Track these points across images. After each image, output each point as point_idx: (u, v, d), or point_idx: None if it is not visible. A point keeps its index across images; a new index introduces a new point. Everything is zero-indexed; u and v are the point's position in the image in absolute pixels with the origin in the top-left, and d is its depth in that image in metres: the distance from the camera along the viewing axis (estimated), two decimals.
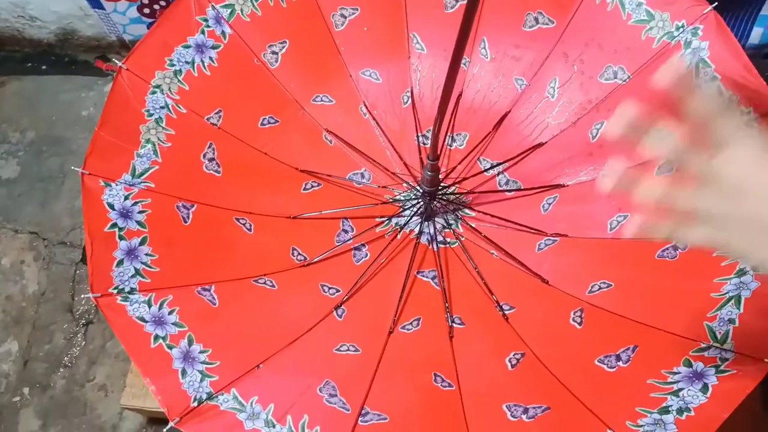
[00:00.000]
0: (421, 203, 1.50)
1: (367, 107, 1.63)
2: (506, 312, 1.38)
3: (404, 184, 1.57)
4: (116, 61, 1.34)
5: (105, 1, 2.16)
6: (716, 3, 1.34)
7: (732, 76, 1.31)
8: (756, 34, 1.83)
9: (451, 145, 1.63)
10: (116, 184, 1.27)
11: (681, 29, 1.37)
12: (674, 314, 1.21)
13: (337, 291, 1.42)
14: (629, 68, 1.45)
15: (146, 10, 2.17)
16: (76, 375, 1.99)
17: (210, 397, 1.12)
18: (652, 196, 0.65)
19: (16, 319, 2.08)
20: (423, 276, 1.47)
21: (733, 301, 1.16)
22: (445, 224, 1.53)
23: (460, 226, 1.53)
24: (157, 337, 1.15)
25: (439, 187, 1.49)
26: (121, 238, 1.23)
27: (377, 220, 1.54)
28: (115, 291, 1.18)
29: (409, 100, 1.64)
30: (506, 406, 1.21)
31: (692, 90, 0.62)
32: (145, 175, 1.33)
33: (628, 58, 1.46)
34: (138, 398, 1.65)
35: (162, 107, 1.39)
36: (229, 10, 1.49)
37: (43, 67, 2.53)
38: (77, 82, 2.47)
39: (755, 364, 1.07)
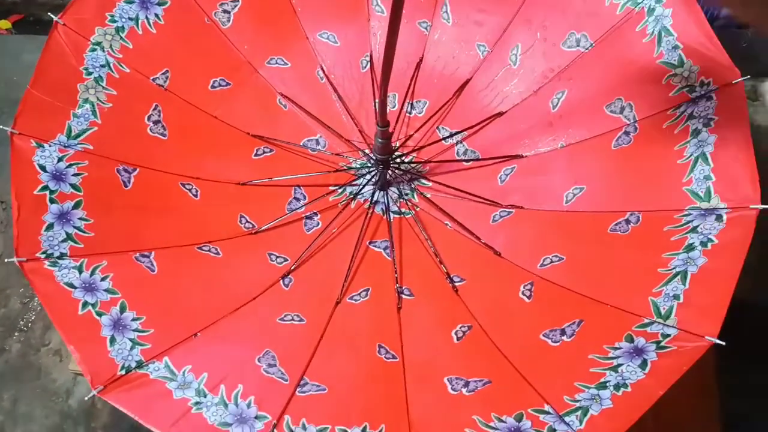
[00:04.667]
0: (376, 172, 1.46)
1: (324, 71, 1.58)
2: (456, 284, 1.35)
3: (360, 152, 1.53)
4: (51, 15, 1.27)
5: None
6: None
7: (694, 46, 1.26)
8: None
9: (410, 113, 1.58)
10: (49, 145, 1.22)
11: None
12: (621, 289, 1.19)
13: (285, 260, 1.38)
14: (592, 35, 1.40)
15: None
16: (32, 339, 1.96)
17: (140, 365, 1.09)
18: None
19: None
20: (375, 246, 1.44)
21: (679, 276, 1.13)
22: (399, 194, 1.49)
23: (415, 196, 1.49)
24: (86, 304, 1.12)
25: (396, 156, 1.44)
26: (52, 201, 1.18)
27: (331, 188, 1.49)
28: (43, 255, 1.14)
29: (368, 65, 1.58)
30: (447, 379, 1.19)
31: None
32: (82, 137, 1.28)
33: (591, 24, 1.41)
34: None
35: (102, 66, 1.33)
36: None
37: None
38: (40, 42, 2.37)
39: (696, 341, 1.05)
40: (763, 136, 1.20)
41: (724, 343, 1.02)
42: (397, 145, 1.51)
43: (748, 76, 1.23)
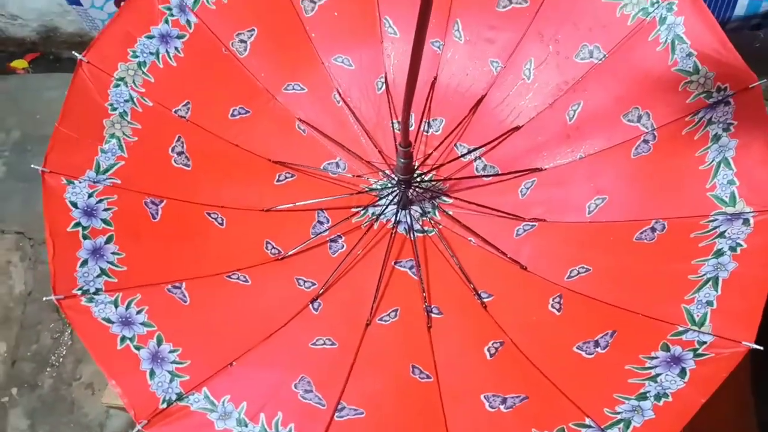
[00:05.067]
0: (398, 192, 1.47)
1: (340, 94, 1.60)
2: (485, 300, 1.35)
3: (380, 173, 1.54)
4: (75, 54, 1.30)
5: None
6: None
7: (708, 52, 1.27)
8: (741, 5, 1.79)
9: (427, 131, 1.60)
10: (79, 182, 1.24)
11: (656, 5, 1.33)
12: (652, 298, 1.19)
13: (313, 284, 1.39)
14: (605, 47, 1.42)
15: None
16: (63, 374, 1.98)
17: (180, 397, 1.10)
18: None
19: (3, 319, 2.06)
20: (400, 266, 1.45)
21: (710, 282, 1.13)
22: (422, 212, 1.50)
23: (437, 214, 1.50)
24: (124, 338, 1.13)
25: (415, 175, 1.46)
26: (85, 237, 1.20)
27: (353, 210, 1.51)
28: (80, 292, 1.15)
29: (384, 86, 1.60)
30: (484, 396, 1.19)
31: None
32: (110, 171, 1.30)
33: (603, 36, 1.42)
34: None
35: (126, 100, 1.35)
36: None
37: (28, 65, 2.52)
38: (61, 79, 2.43)
39: (733, 347, 1.05)
40: None
41: (762, 348, 1.02)
42: (417, 164, 1.52)
43: (765, 80, 1.24)
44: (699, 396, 1.03)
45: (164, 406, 1.08)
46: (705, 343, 1.08)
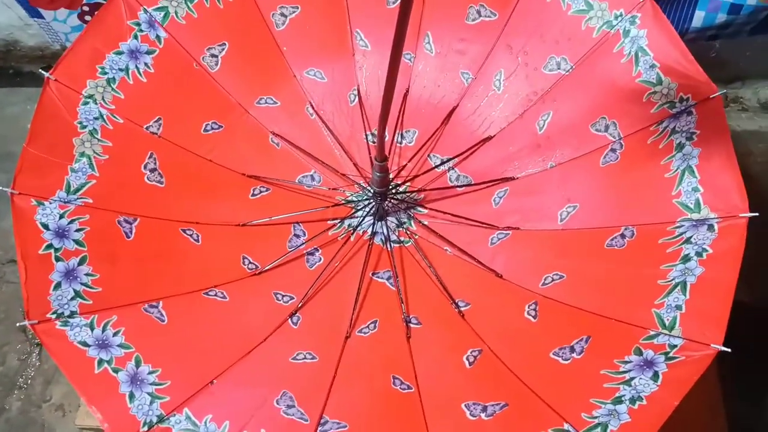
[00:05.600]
0: (374, 203, 1.48)
1: (313, 107, 1.60)
2: (462, 309, 1.37)
3: (356, 185, 1.55)
4: (42, 72, 1.27)
5: (44, 10, 2.06)
6: None
7: (670, 64, 1.32)
8: (698, 17, 1.86)
9: (400, 143, 1.61)
10: (50, 203, 1.22)
11: (620, 18, 1.38)
12: (624, 303, 1.23)
13: (292, 298, 1.39)
14: (571, 58, 1.46)
15: (87, 18, 2.07)
16: (32, 396, 1.92)
17: (161, 419, 1.09)
18: None
19: None
20: (378, 277, 1.46)
21: (679, 287, 1.18)
22: (398, 223, 1.51)
23: (413, 224, 1.52)
24: (101, 362, 1.11)
25: (390, 186, 1.47)
26: (57, 259, 1.18)
27: (329, 222, 1.51)
28: (54, 316, 1.13)
29: (356, 99, 1.61)
30: (465, 405, 1.21)
31: None
32: (81, 191, 1.27)
33: (569, 48, 1.46)
34: (93, 417, 1.59)
35: (96, 118, 1.33)
36: (163, 13, 1.44)
37: None
38: (23, 95, 2.37)
39: (703, 350, 1.09)
40: (736, 140, 1.26)
41: (729, 350, 1.07)
42: (391, 176, 1.54)
43: (724, 91, 1.29)
44: (672, 398, 1.06)
45: (145, 429, 1.07)
46: (676, 346, 1.12)
